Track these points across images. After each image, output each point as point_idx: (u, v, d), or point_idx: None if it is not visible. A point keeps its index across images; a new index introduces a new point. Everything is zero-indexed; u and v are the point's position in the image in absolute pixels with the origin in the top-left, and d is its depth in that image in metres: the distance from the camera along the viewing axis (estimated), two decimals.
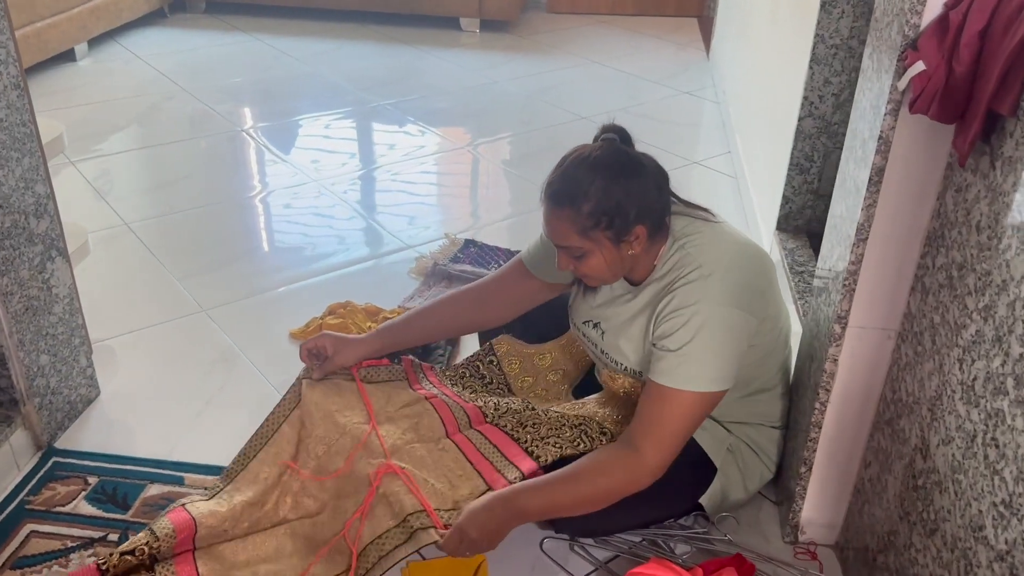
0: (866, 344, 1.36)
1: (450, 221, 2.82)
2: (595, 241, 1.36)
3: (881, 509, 1.36)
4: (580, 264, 1.40)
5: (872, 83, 1.28)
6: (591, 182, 1.33)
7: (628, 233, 1.36)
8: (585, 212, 1.34)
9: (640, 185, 1.36)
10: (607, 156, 1.36)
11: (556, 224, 1.38)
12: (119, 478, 1.68)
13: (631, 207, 1.35)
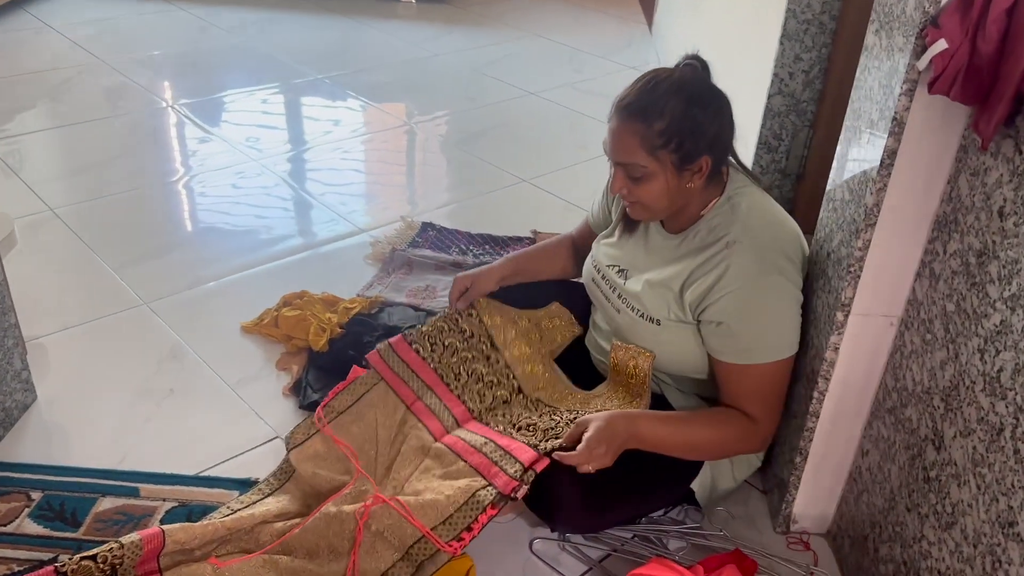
0: (868, 332, 1.33)
1: (401, 203, 2.70)
2: (660, 162, 1.35)
3: (883, 499, 1.33)
4: (636, 187, 1.38)
5: (880, 61, 1.23)
6: (668, 100, 1.33)
7: (693, 161, 1.36)
8: (657, 129, 1.33)
9: (716, 116, 1.36)
10: (689, 79, 1.36)
11: (623, 138, 1.35)
12: (66, 491, 1.54)
13: (702, 135, 1.34)
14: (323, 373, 1.84)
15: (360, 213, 2.60)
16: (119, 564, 1.29)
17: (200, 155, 2.95)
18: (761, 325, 1.37)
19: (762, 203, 1.44)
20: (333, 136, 3.16)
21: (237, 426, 1.71)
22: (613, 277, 1.55)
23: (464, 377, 1.60)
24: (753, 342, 1.38)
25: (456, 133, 3.28)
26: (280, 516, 1.44)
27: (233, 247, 2.37)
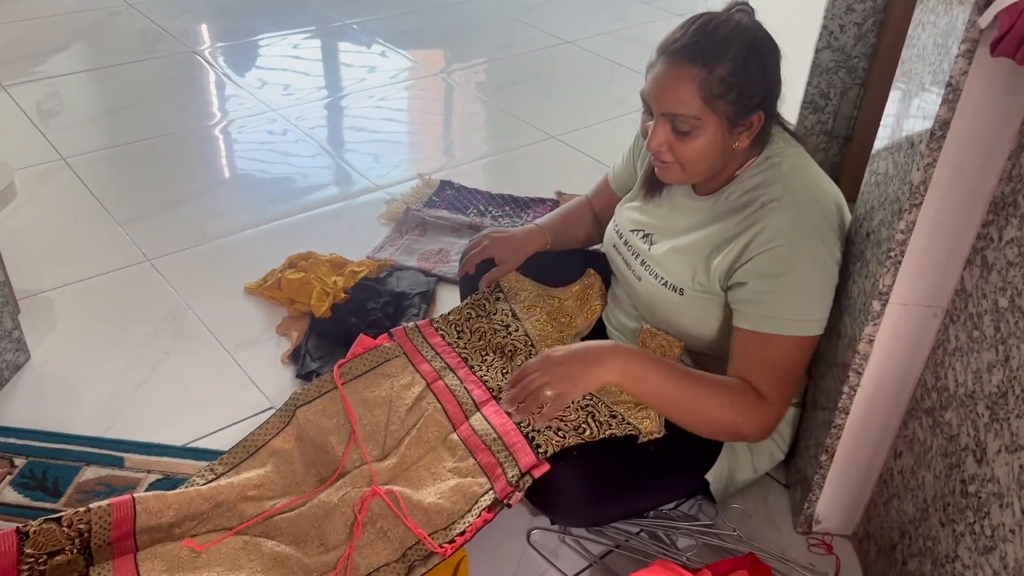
0: (908, 323, 1.18)
1: (422, 159, 2.58)
2: (715, 113, 1.21)
3: (915, 508, 1.21)
4: (681, 143, 1.23)
5: (936, 16, 1.06)
6: (731, 45, 1.19)
7: (747, 117, 1.22)
8: (717, 75, 1.19)
9: (773, 68, 1.24)
10: (750, 26, 1.23)
11: (677, 84, 1.20)
12: (50, 459, 1.48)
13: (760, 88, 1.22)
14: (324, 340, 1.75)
15: (378, 169, 2.48)
16: (87, 530, 1.23)
17: (220, 105, 2.85)
18: (791, 292, 1.22)
19: (805, 165, 1.30)
20: (356, 86, 3.04)
21: (231, 394, 1.64)
22: (637, 243, 1.42)
23: (490, 357, 1.51)
24: (778, 309, 1.23)
25: (485, 84, 3.12)
26: (261, 487, 1.36)
27: (244, 202, 2.28)
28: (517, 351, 1.51)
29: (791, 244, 1.21)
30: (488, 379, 1.48)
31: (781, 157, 1.29)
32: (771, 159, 1.29)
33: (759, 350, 1.25)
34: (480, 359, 1.52)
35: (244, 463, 1.43)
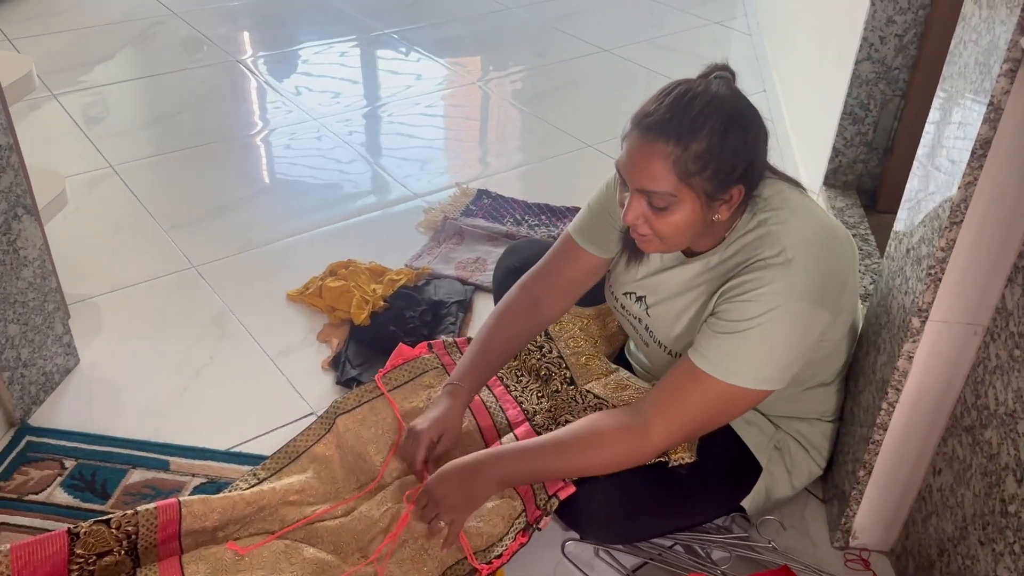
0: (948, 341, 1.18)
1: (459, 167, 2.61)
2: (692, 190, 1.14)
3: (953, 525, 1.20)
4: (658, 217, 1.17)
5: (979, 34, 1.06)
6: (707, 120, 1.12)
7: (725, 191, 1.16)
8: (693, 152, 1.12)
9: (753, 139, 1.16)
10: (728, 97, 1.15)
11: (650, 161, 1.14)
12: (98, 461, 1.53)
13: (740, 162, 1.15)
14: (363, 348, 1.78)
15: (416, 177, 2.51)
16: (134, 532, 1.28)
17: (263, 114, 2.91)
18: (750, 344, 1.18)
19: (802, 217, 1.22)
20: (395, 95, 3.08)
21: (273, 400, 1.67)
22: (632, 307, 1.38)
23: (525, 378, 1.53)
24: (723, 350, 1.19)
25: (522, 93, 3.15)
26: (302, 493, 1.40)
27: (285, 210, 2.33)
28: (552, 375, 1.53)
29: (771, 302, 1.16)
30: (523, 400, 1.50)
31: (770, 213, 1.22)
32: (758, 216, 1.23)
33: (679, 376, 1.22)
34: (515, 380, 1.54)
35: (286, 468, 1.47)
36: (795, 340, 1.19)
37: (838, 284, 1.23)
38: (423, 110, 2.98)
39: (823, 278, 1.19)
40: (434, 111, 3.00)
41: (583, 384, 1.49)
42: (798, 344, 1.20)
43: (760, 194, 1.23)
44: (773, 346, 1.18)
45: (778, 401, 1.36)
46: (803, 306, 1.17)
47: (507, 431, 1.47)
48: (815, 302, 1.18)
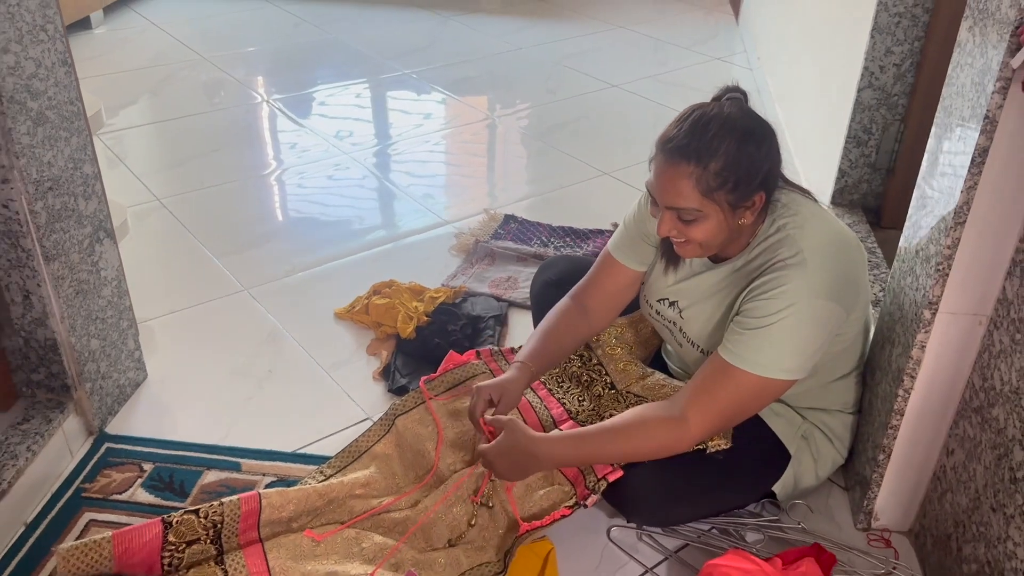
0: (956, 330, 1.32)
1: (483, 195, 2.76)
2: (715, 203, 1.29)
3: (967, 498, 1.33)
4: (688, 228, 1.33)
5: (974, 58, 1.22)
6: (723, 141, 1.27)
7: (748, 199, 1.31)
8: (712, 171, 1.27)
9: (767, 151, 1.31)
10: (739, 116, 1.30)
11: (675, 182, 1.29)
12: (174, 464, 1.65)
13: (757, 172, 1.29)
14: (410, 359, 1.91)
15: (445, 205, 2.67)
16: (220, 522, 1.40)
17: (293, 149, 3.08)
18: (774, 338, 1.31)
19: (817, 223, 1.37)
20: (419, 130, 3.25)
21: (331, 407, 1.80)
22: (667, 312, 1.53)
23: (567, 384, 1.66)
24: (750, 345, 1.32)
25: (538, 126, 3.32)
26: (367, 487, 1.52)
27: (325, 237, 2.47)
28: (594, 381, 1.66)
29: (791, 299, 1.29)
30: (566, 402, 1.63)
31: (787, 219, 1.37)
32: (777, 222, 1.37)
33: (712, 371, 1.35)
34: (557, 385, 1.68)
35: (350, 466, 1.59)
36: (813, 333, 1.33)
37: (851, 282, 1.37)
38: (444, 144, 3.15)
39: (837, 276, 1.34)
40: (455, 145, 3.17)
41: (623, 387, 1.62)
42: (816, 336, 1.34)
43: (779, 200, 1.38)
44: (794, 339, 1.32)
45: (803, 394, 1.49)
46: (820, 302, 1.31)
47: (552, 428, 1.60)
48: (830, 298, 1.32)
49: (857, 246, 1.42)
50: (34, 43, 1.42)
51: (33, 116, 1.44)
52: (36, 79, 1.43)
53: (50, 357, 1.60)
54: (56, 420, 1.61)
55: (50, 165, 1.49)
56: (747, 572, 1.31)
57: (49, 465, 1.59)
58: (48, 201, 1.49)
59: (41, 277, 1.51)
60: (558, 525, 1.48)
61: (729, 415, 1.38)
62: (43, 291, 1.53)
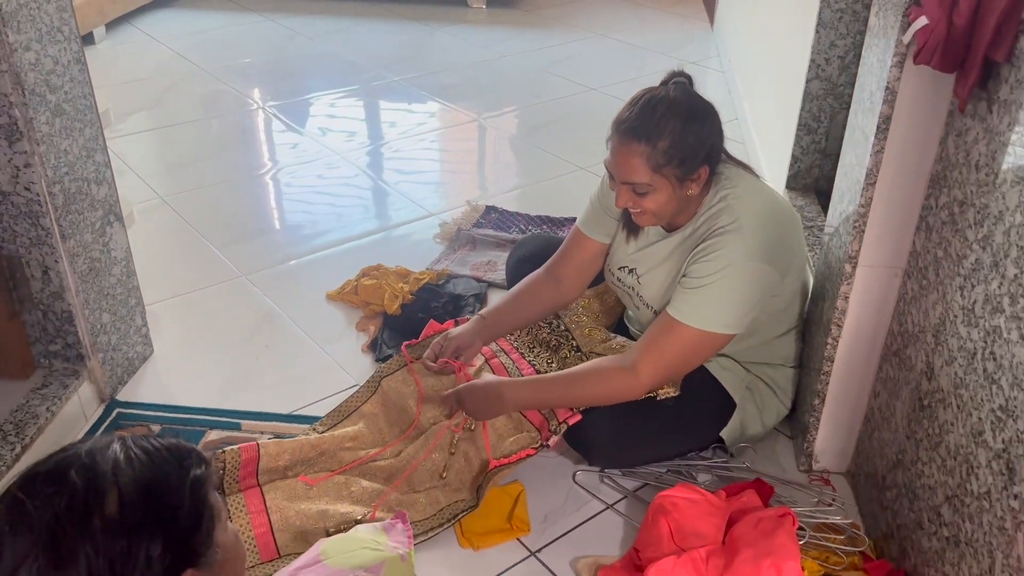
0: (875, 282, 1.48)
1: (468, 189, 2.93)
2: (664, 177, 1.46)
3: (889, 432, 1.49)
4: (642, 200, 1.49)
5: (879, 39, 1.39)
6: (668, 121, 1.43)
7: (693, 173, 1.47)
8: (660, 149, 1.44)
9: (709, 128, 1.48)
10: (683, 98, 1.47)
11: (628, 159, 1.46)
12: (180, 426, 1.81)
13: (701, 148, 1.46)
14: (396, 333, 2.07)
15: (430, 199, 2.84)
16: (221, 468, 1.55)
17: (287, 151, 3.25)
18: (712, 294, 1.47)
19: (754, 195, 1.54)
20: (407, 132, 3.42)
21: (324, 375, 1.96)
22: (626, 278, 1.70)
23: (537, 349, 1.82)
24: (691, 302, 1.48)
25: (521, 127, 3.50)
26: (355, 440, 1.68)
27: (318, 229, 2.64)
28: (561, 345, 1.82)
29: (727, 260, 1.47)
30: (536, 364, 1.79)
31: (728, 190, 1.54)
32: (720, 192, 1.54)
33: (659, 327, 1.52)
34: (529, 350, 1.84)
35: (340, 424, 1.75)
36: (748, 291, 1.50)
37: (784, 247, 1.54)
38: (433, 144, 3.32)
39: (770, 241, 1.50)
40: (442, 145, 3.35)
41: (587, 350, 1.79)
42: (751, 295, 1.50)
43: (722, 173, 1.55)
44: (731, 296, 1.49)
45: (747, 350, 1.66)
46: (754, 264, 1.48)
47: None
48: (764, 260, 1.49)
49: (791, 214, 1.59)
50: (52, 42, 1.59)
51: (51, 108, 1.60)
52: (54, 75, 1.60)
53: (66, 329, 1.76)
54: (72, 386, 1.77)
55: (66, 152, 1.66)
56: (693, 501, 1.47)
57: (66, 427, 1.75)
58: (64, 185, 1.66)
59: (58, 254, 1.68)
60: (529, 471, 1.65)
61: (675, 366, 1.54)
62: (60, 267, 1.69)
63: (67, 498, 0.77)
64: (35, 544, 0.76)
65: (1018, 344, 1.06)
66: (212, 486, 0.88)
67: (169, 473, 0.84)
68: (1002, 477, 1.09)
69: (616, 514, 1.60)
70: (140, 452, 0.84)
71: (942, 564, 1.26)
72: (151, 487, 0.81)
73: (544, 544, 1.54)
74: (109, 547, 0.77)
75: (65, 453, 0.83)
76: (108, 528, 0.77)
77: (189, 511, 0.83)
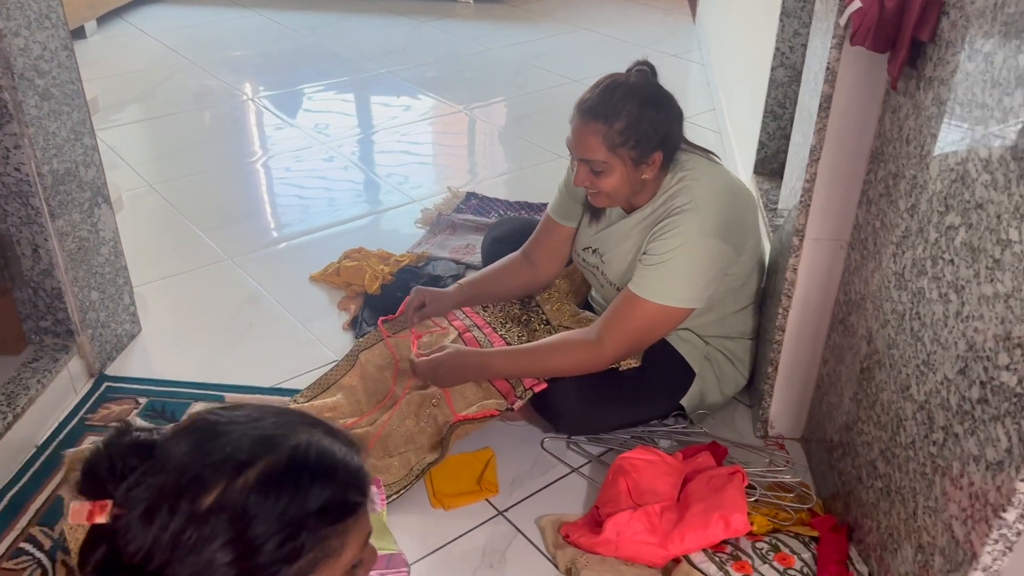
0: (821, 254, 1.56)
1: (451, 177, 3.01)
2: (619, 158, 1.54)
3: (836, 397, 1.57)
4: (597, 179, 1.57)
5: (821, 23, 1.47)
6: (625, 103, 1.52)
7: (648, 156, 1.55)
8: (616, 129, 1.51)
9: (666, 115, 1.56)
10: (642, 84, 1.55)
11: (586, 137, 1.55)
12: (166, 398, 1.88)
13: (656, 133, 1.54)
14: (376, 312, 2.15)
15: (413, 186, 2.92)
16: None
17: (275, 140, 3.32)
18: (670, 270, 1.54)
19: (711, 178, 1.61)
20: (394, 122, 3.50)
21: (306, 351, 2.04)
22: (590, 258, 1.78)
23: (509, 324, 1.90)
24: (650, 278, 1.56)
25: (504, 117, 3.58)
26: (334, 410, 1.76)
27: (303, 215, 2.72)
28: (531, 319, 1.90)
29: (683, 238, 1.54)
30: (507, 337, 1.87)
31: (686, 172, 1.61)
32: (677, 175, 1.62)
33: (621, 302, 1.60)
34: (500, 324, 1.92)
35: (320, 395, 1.83)
36: (704, 267, 1.58)
37: (739, 225, 1.62)
38: (416, 134, 3.40)
39: (725, 220, 1.59)
40: (427, 134, 3.43)
41: (556, 323, 1.87)
42: (707, 271, 1.58)
43: (679, 159, 1.63)
44: (687, 272, 1.57)
45: (707, 324, 1.74)
46: (709, 241, 1.56)
47: None
48: (718, 237, 1.57)
49: (746, 195, 1.67)
50: (40, 29, 1.67)
51: (40, 92, 1.68)
52: (42, 60, 1.68)
53: (56, 305, 1.84)
54: (62, 360, 1.85)
55: (55, 135, 1.73)
56: (650, 462, 1.56)
57: (56, 398, 1.83)
58: (53, 166, 1.74)
59: (48, 232, 1.75)
60: (499, 437, 1.74)
61: (637, 339, 1.62)
62: (50, 245, 1.77)
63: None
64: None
65: (938, 302, 1.15)
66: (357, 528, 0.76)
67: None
68: (924, 427, 1.17)
69: (581, 477, 1.68)
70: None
71: (877, 513, 1.34)
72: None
73: (512, 504, 1.62)
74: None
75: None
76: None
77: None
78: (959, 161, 1.11)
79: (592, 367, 1.63)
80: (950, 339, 1.11)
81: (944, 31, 1.18)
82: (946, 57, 1.17)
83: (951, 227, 1.12)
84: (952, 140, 1.14)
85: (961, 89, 1.12)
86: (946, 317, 1.12)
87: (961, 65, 1.12)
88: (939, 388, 1.13)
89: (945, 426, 1.11)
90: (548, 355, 1.64)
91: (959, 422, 1.08)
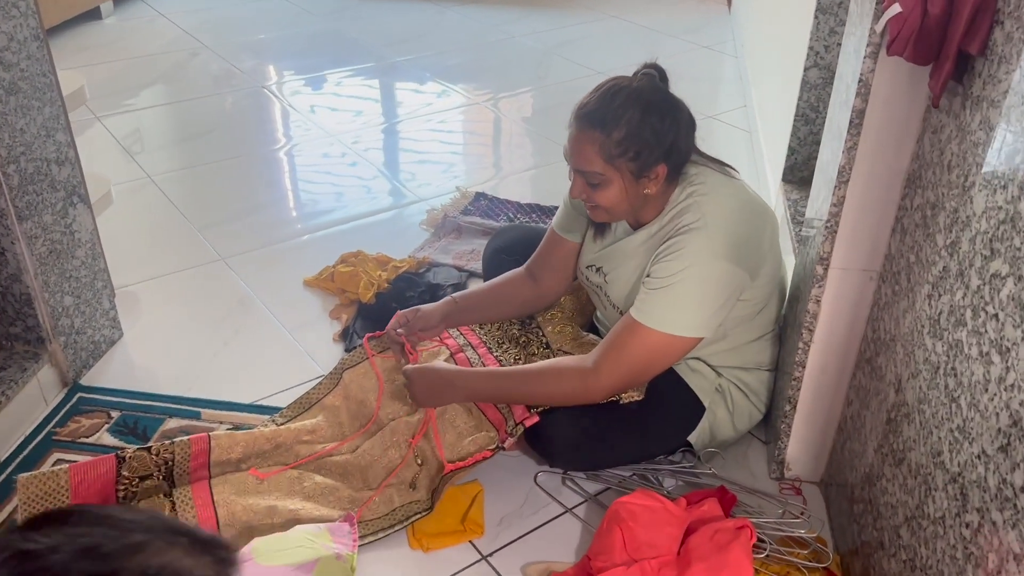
0: (848, 285, 1.40)
1: (467, 175, 2.87)
2: (617, 170, 1.39)
3: (860, 444, 1.41)
4: (594, 193, 1.42)
5: (856, 27, 1.30)
6: (626, 111, 1.36)
7: (650, 170, 1.40)
8: (614, 139, 1.36)
9: (672, 125, 1.39)
10: (646, 90, 1.39)
11: (582, 146, 1.39)
12: (140, 412, 1.77)
13: (659, 145, 1.38)
14: (369, 323, 2.02)
15: (421, 184, 2.78)
16: (171, 459, 1.52)
17: (285, 131, 3.20)
18: (675, 296, 1.39)
19: (723, 195, 1.45)
20: (408, 114, 3.37)
21: (291, 364, 1.92)
22: (594, 277, 1.63)
23: (506, 344, 1.77)
24: (654, 304, 1.41)
25: (522, 111, 3.42)
26: (313, 433, 1.64)
27: (304, 213, 2.60)
28: (530, 341, 1.76)
29: (690, 260, 1.38)
30: (502, 359, 1.73)
31: (696, 187, 1.45)
32: (687, 190, 1.45)
33: (622, 328, 1.44)
34: (497, 344, 1.78)
35: (300, 416, 1.71)
36: (714, 292, 1.42)
37: (754, 247, 1.46)
38: (431, 127, 3.25)
39: (737, 240, 1.42)
40: (440, 127, 3.28)
41: (556, 347, 1.72)
42: (717, 296, 1.42)
43: (688, 172, 1.47)
44: (695, 297, 1.41)
45: (720, 354, 1.58)
46: (719, 263, 1.40)
47: None
48: (729, 260, 1.41)
49: (764, 213, 1.50)
50: (6, 18, 1.55)
51: (5, 86, 1.56)
52: (8, 52, 1.56)
53: (25, 311, 1.74)
54: (31, 369, 1.74)
55: (23, 132, 1.62)
56: (650, 508, 1.41)
57: (24, 410, 1.73)
58: (20, 165, 1.62)
59: (15, 235, 1.64)
60: (490, 470, 1.60)
61: (637, 370, 1.47)
62: (17, 248, 1.66)
63: None
64: None
65: (978, 361, 0.99)
66: None
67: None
68: (956, 503, 1.02)
69: (575, 518, 1.54)
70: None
71: None
72: None
73: (497, 548, 1.49)
74: None
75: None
76: None
77: None
78: (1009, 200, 0.94)
79: (584, 399, 1.49)
80: (991, 408, 0.95)
81: (997, 44, 1.01)
82: (998, 75, 1.00)
83: (996, 275, 0.96)
84: (1002, 174, 0.97)
85: (1015, 114, 0.95)
86: (987, 381, 0.96)
87: (1015, 86, 0.95)
88: (975, 463, 0.97)
89: (981, 508, 0.95)
90: (536, 380, 1.50)
91: (998, 508, 0.92)
